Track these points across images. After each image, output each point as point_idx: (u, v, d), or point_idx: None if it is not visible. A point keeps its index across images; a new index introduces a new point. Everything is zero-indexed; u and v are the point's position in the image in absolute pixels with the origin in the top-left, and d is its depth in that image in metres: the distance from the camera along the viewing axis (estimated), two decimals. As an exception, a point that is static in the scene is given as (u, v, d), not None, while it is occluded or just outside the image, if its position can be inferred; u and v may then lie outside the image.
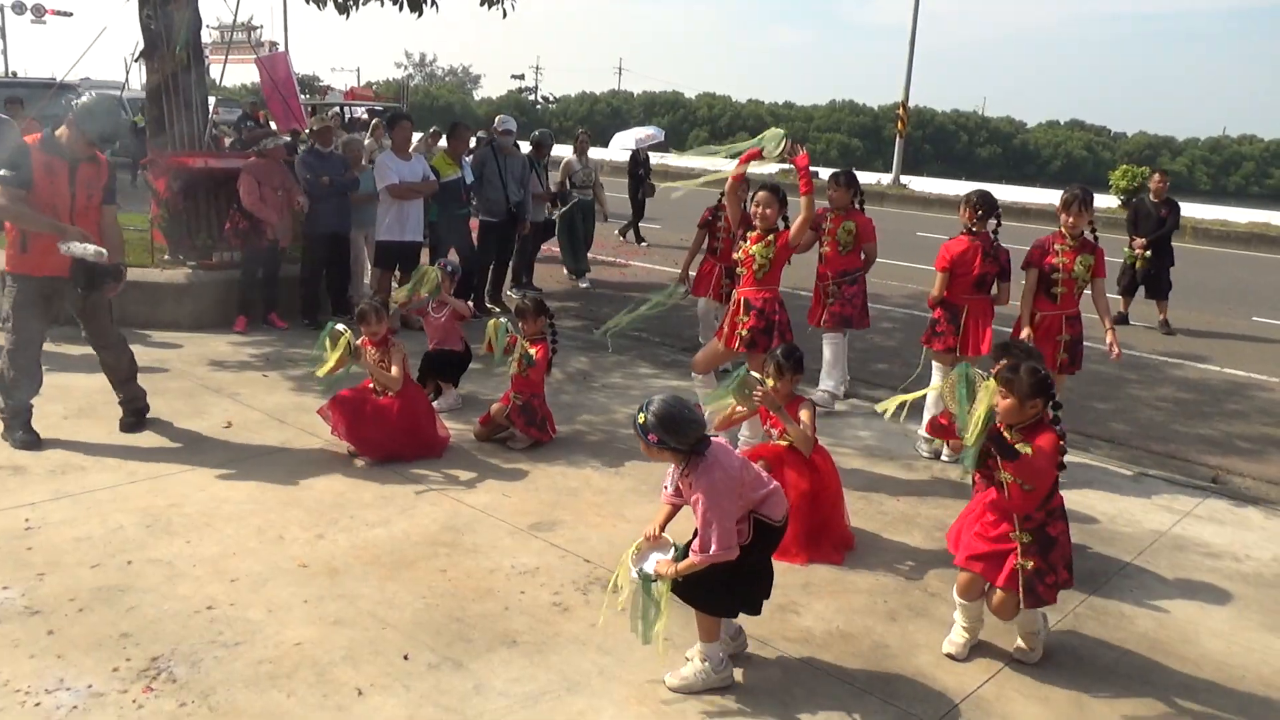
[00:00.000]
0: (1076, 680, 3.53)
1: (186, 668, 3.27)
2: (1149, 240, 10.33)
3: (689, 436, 3.18)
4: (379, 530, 4.41)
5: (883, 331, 9.74)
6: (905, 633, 3.81)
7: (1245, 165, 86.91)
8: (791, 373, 4.48)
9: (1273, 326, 11.14)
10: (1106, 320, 5.81)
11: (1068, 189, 5.67)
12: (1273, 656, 3.80)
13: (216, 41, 26.35)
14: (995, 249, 5.83)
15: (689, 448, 3.19)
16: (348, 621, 3.62)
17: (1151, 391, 8.04)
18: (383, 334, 5.43)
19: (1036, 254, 5.65)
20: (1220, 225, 20.59)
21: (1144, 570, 4.50)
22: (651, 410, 3.18)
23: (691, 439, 3.18)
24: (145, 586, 3.78)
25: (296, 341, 7.64)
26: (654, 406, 3.19)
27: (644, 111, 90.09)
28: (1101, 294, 5.78)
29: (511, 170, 9.15)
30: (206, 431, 5.55)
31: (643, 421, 3.19)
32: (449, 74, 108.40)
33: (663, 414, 3.16)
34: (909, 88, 26.96)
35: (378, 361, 5.36)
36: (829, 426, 6.32)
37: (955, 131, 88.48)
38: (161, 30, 8.15)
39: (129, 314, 7.76)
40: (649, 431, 3.17)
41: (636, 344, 8.51)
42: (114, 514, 4.41)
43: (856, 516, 4.80)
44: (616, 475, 5.27)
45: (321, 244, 8.17)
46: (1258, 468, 6.26)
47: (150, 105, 8.53)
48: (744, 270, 5.40)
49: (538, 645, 3.54)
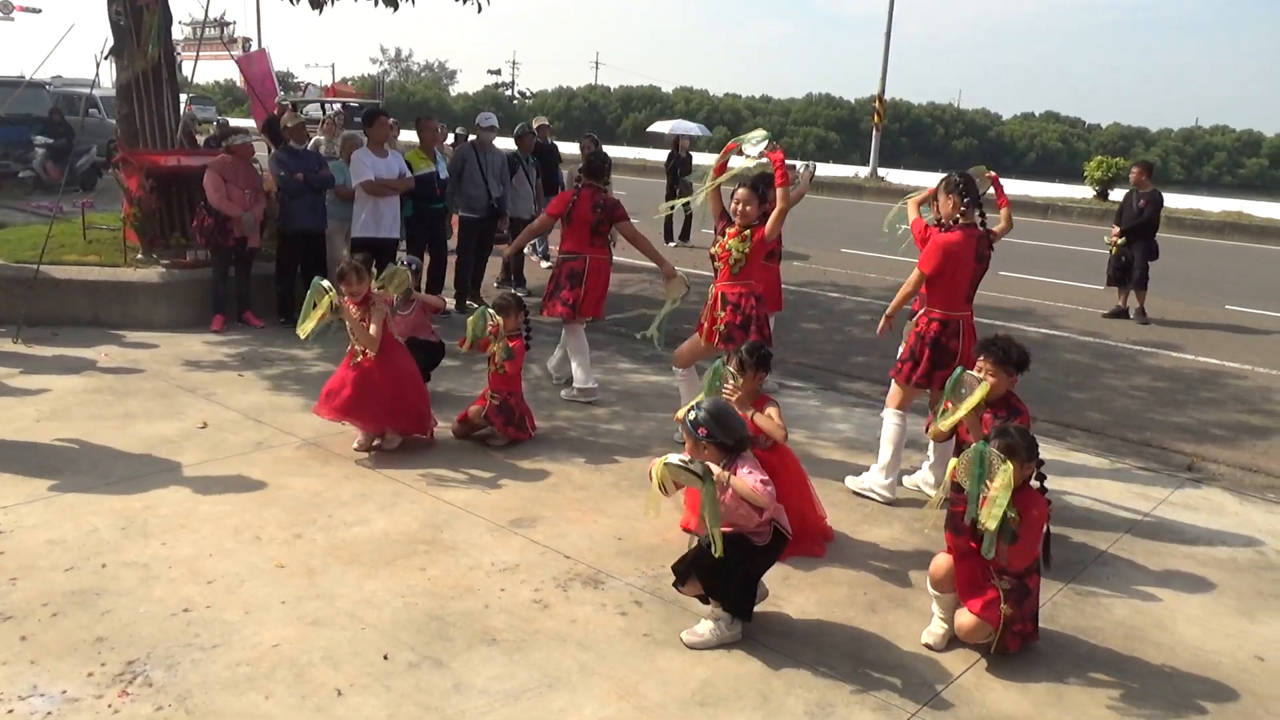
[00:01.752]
0: (1054, 668, 3.56)
1: (163, 671, 3.23)
2: (1122, 229, 10.55)
3: (735, 432, 3.53)
4: (357, 529, 4.38)
5: (862, 324, 9.78)
6: (885, 624, 3.82)
7: (1217, 155, 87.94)
8: (755, 369, 4.48)
9: (1246, 315, 11.27)
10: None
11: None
12: (1247, 641, 3.84)
13: (189, 38, 26.10)
14: (989, 245, 5.09)
15: (734, 443, 3.51)
16: (326, 621, 3.59)
17: (1127, 380, 8.11)
18: (364, 294, 5.40)
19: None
20: (1194, 214, 20.81)
21: (1120, 558, 4.54)
22: (704, 408, 3.55)
23: (736, 435, 3.53)
24: (120, 590, 3.74)
25: (273, 340, 7.57)
26: (705, 404, 3.59)
27: (621, 106, 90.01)
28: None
29: (491, 166, 9.12)
30: (182, 432, 5.50)
31: (694, 418, 3.51)
32: (425, 69, 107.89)
33: (714, 410, 3.55)
34: (885, 81, 27.06)
35: (359, 320, 5.33)
36: (808, 419, 6.34)
37: (931, 124, 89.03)
38: (131, 27, 8.06)
39: (102, 314, 7.71)
40: (699, 425, 3.49)
41: (615, 339, 8.49)
42: (88, 517, 4.35)
43: (836, 509, 4.82)
44: (596, 471, 5.26)
45: (296, 241, 8.10)
46: (1232, 454, 6.32)
47: (121, 103, 8.45)
48: (720, 265, 5.41)
49: (518, 642, 3.53)
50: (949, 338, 4.98)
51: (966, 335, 5.01)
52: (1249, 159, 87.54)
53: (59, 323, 7.61)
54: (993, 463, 3.37)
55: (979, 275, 5.09)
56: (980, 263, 5.02)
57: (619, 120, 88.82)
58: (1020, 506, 3.39)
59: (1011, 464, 3.34)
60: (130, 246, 8.30)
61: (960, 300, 5.03)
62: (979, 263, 5.01)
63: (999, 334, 4.37)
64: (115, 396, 6.05)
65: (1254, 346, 9.59)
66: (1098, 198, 22.98)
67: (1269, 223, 20.33)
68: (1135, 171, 11.01)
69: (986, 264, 5.10)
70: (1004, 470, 3.33)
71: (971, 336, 5.00)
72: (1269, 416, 7.24)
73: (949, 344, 4.97)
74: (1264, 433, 6.85)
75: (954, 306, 5.00)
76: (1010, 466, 3.33)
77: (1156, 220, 10.64)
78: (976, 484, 3.37)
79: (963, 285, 5.01)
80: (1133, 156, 46.73)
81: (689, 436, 3.53)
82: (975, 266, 5.00)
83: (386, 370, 5.30)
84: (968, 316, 5.08)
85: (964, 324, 5.04)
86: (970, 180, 5.06)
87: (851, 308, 10.72)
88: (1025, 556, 3.47)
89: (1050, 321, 10.34)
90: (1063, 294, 11.98)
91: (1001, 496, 3.30)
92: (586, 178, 6.59)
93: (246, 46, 42.77)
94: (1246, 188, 72.27)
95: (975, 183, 5.08)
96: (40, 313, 7.58)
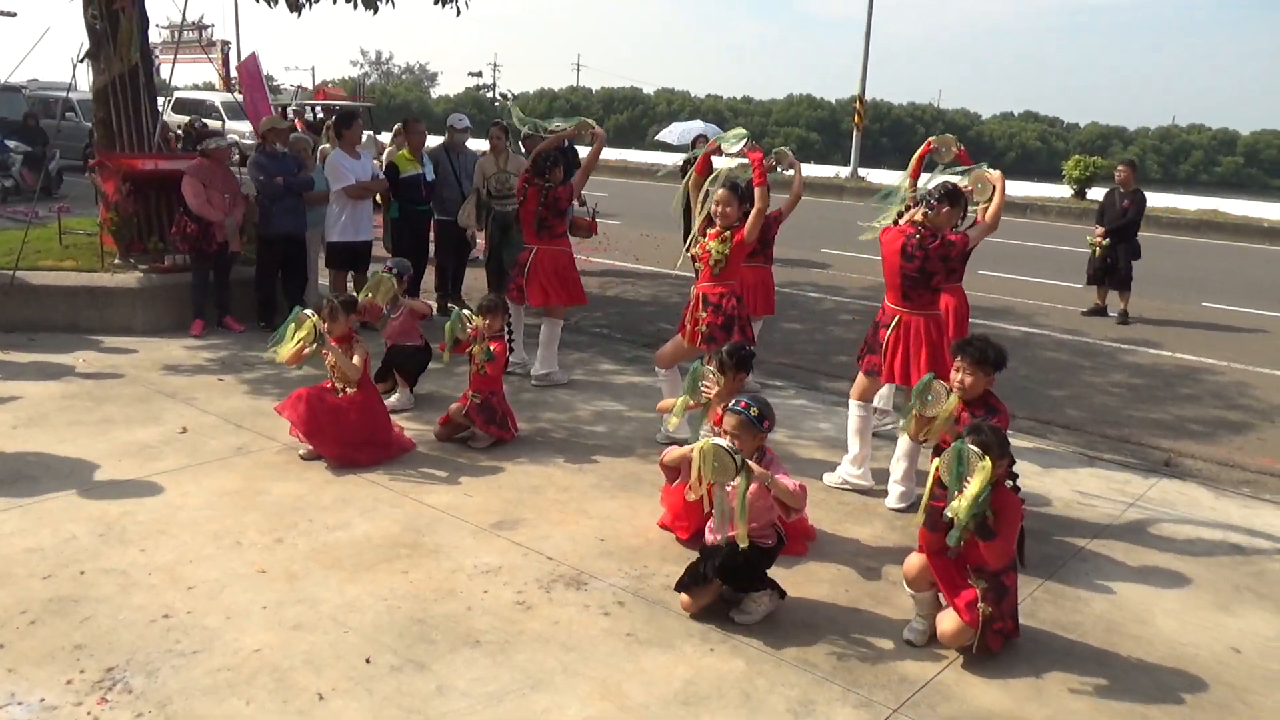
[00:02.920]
0: (1034, 664, 3.59)
1: (143, 678, 3.21)
2: (1107, 230, 10.49)
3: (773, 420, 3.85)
4: (339, 533, 4.37)
5: (843, 324, 9.82)
6: (867, 621, 3.84)
7: (1194, 154, 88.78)
8: (735, 370, 4.50)
9: (1222, 311, 11.38)
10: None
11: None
12: (1223, 634, 3.89)
13: (167, 41, 25.92)
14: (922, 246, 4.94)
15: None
16: (308, 626, 3.58)
17: (1105, 378, 8.18)
18: (344, 333, 5.38)
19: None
20: (1171, 212, 20.99)
21: (1099, 554, 4.58)
22: (756, 403, 3.75)
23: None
24: (99, 596, 3.71)
25: (252, 345, 7.53)
26: (757, 401, 3.77)
27: (603, 108, 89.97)
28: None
29: (465, 168, 9.10)
30: (161, 438, 5.46)
31: (757, 414, 3.70)
32: (406, 72, 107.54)
33: (764, 403, 3.79)
34: (865, 81, 27.18)
35: (344, 354, 5.30)
36: (790, 418, 6.36)
37: (912, 124, 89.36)
38: (107, 30, 8.00)
39: (80, 319, 7.65)
40: (765, 418, 3.73)
41: (598, 340, 8.50)
42: (66, 524, 4.32)
43: (818, 508, 4.83)
44: (579, 472, 5.26)
45: (277, 245, 8.05)
46: (1208, 450, 6.39)
47: (98, 107, 8.37)
48: (701, 266, 5.42)
49: (501, 644, 3.52)
50: (880, 326, 5.09)
51: (908, 333, 4.96)
52: (1225, 157, 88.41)
53: (36, 329, 7.54)
54: (970, 460, 3.40)
55: (911, 272, 4.90)
56: (909, 260, 4.88)
57: (601, 121, 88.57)
58: (995, 505, 3.41)
59: (989, 463, 3.37)
60: (107, 251, 8.24)
61: (892, 293, 5.04)
62: (906, 259, 4.89)
63: (976, 333, 4.40)
64: (93, 402, 6.00)
65: (1230, 343, 9.69)
66: (1076, 196, 23.15)
67: (1244, 220, 20.55)
68: (1121, 170, 10.86)
69: (921, 262, 4.86)
70: (982, 466, 3.36)
71: (919, 338, 4.94)
72: (1245, 412, 7.32)
73: (878, 332, 5.09)
74: (1240, 428, 6.93)
75: (890, 298, 5.08)
76: (989, 462, 3.36)
77: (1139, 220, 10.67)
78: (957, 482, 3.40)
79: (892, 280, 5.00)
80: (1111, 155, 47.18)
81: (748, 429, 3.68)
82: (901, 263, 4.90)
83: (361, 407, 5.27)
84: (904, 313, 4.99)
85: (901, 319, 4.98)
86: (940, 190, 4.96)
87: (832, 307, 10.77)
88: (1003, 555, 3.49)
89: (1030, 319, 10.41)
90: (1042, 292, 12.07)
91: (979, 491, 3.33)
92: (532, 176, 6.87)
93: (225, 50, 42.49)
94: (1223, 186, 72.96)
95: (943, 191, 4.95)
96: (17, 319, 7.51)
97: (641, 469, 5.30)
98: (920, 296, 4.96)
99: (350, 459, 5.15)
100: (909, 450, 4.96)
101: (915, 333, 4.96)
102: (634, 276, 12.29)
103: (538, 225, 6.88)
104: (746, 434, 3.69)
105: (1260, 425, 7.01)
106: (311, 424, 5.14)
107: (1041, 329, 9.98)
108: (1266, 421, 7.10)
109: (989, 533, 3.41)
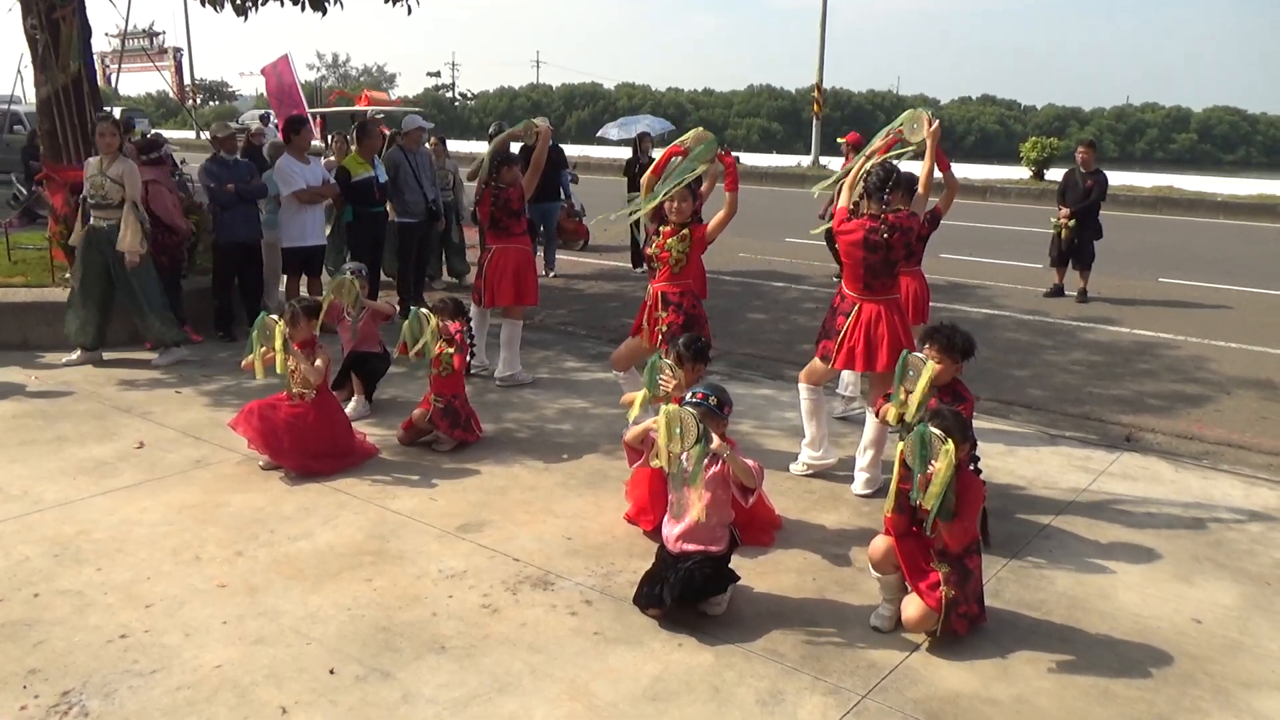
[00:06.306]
0: (1000, 643, 3.61)
1: (99, 700, 3.15)
2: (1073, 210, 10.53)
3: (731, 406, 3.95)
4: (301, 543, 4.31)
5: (806, 312, 9.85)
6: (834, 609, 3.84)
7: (1149, 132, 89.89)
8: (693, 362, 4.49)
9: (1178, 286, 11.55)
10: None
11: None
12: (1184, 605, 3.93)
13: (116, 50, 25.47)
14: (884, 234, 4.92)
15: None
16: (270, 640, 3.52)
17: (1065, 356, 8.26)
18: (307, 337, 5.31)
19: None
20: (1127, 190, 21.25)
21: (1063, 530, 4.62)
22: (714, 391, 3.83)
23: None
24: (53, 619, 3.63)
25: (211, 355, 7.42)
26: (715, 390, 3.85)
27: (564, 104, 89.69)
28: None
29: (422, 168, 9.04)
30: (117, 454, 5.36)
31: (716, 402, 3.78)
32: (363, 74, 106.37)
33: (721, 390, 3.88)
34: (822, 69, 27.30)
35: (304, 359, 5.23)
36: (756, 409, 6.36)
37: (872, 111, 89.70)
38: (49, 40, 7.83)
39: (31, 336, 7.49)
40: (724, 405, 3.83)
41: (562, 338, 8.46)
42: (18, 545, 4.22)
43: (784, 497, 4.84)
44: (545, 471, 5.23)
45: (232, 253, 7.93)
46: (1168, 423, 6.47)
47: (42, 118, 8.20)
48: (660, 265, 5.38)
49: (467, 649, 3.49)
50: (839, 314, 5.04)
51: (869, 319, 4.94)
52: (1179, 134, 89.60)
53: (-14, 347, 7.38)
54: (934, 443, 3.41)
55: (875, 263, 4.88)
56: (874, 251, 4.84)
57: (563, 118, 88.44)
58: (957, 487, 3.43)
59: (953, 445, 3.39)
60: (58, 265, 8.08)
61: (853, 283, 5.00)
62: (869, 251, 4.84)
63: (943, 321, 4.42)
64: (46, 420, 5.88)
65: (1187, 317, 9.83)
66: (1034, 178, 23.40)
67: (1198, 196, 20.85)
68: (1082, 151, 10.91)
69: (885, 252, 4.84)
70: (945, 450, 3.37)
71: (879, 323, 4.92)
72: (1202, 385, 7.43)
73: (835, 318, 5.06)
74: (1198, 400, 7.02)
75: (850, 287, 5.02)
76: (951, 445, 3.38)
77: (1102, 200, 10.71)
78: (922, 465, 3.41)
79: (854, 271, 4.96)
80: (1068, 136, 47.66)
81: (709, 418, 3.70)
82: (865, 254, 4.86)
83: (319, 414, 5.20)
84: (864, 301, 4.96)
85: (862, 307, 4.96)
86: (877, 172, 4.92)
87: (796, 296, 10.79)
88: (963, 537, 3.51)
89: (991, 301, 10.50)
90: (1003, 274, 12.18)
91: (945, 475, 3.35)
92: (486, 178, 6.90)
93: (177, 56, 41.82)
94: (1177, 162, 74.04)
95: (883, 174, 4.89)
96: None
97: (608, 465, 5.28)
98: (882, 284, 4.97)
99: (312, 469, 5.08)
100: (876, 438, 4.98)
101: (876, 318, 4.97)
102: (598, 274, 12.25)
103: (492, 226, 6.89)
104: (708, 423, 3.69)
105: (1217, 397, 7.11)
106: (270, 439, 5.06)
107: (1003, 310, 10.06)
108: (1223, 393, 7.20)
109: (948, 514, 3.43)
